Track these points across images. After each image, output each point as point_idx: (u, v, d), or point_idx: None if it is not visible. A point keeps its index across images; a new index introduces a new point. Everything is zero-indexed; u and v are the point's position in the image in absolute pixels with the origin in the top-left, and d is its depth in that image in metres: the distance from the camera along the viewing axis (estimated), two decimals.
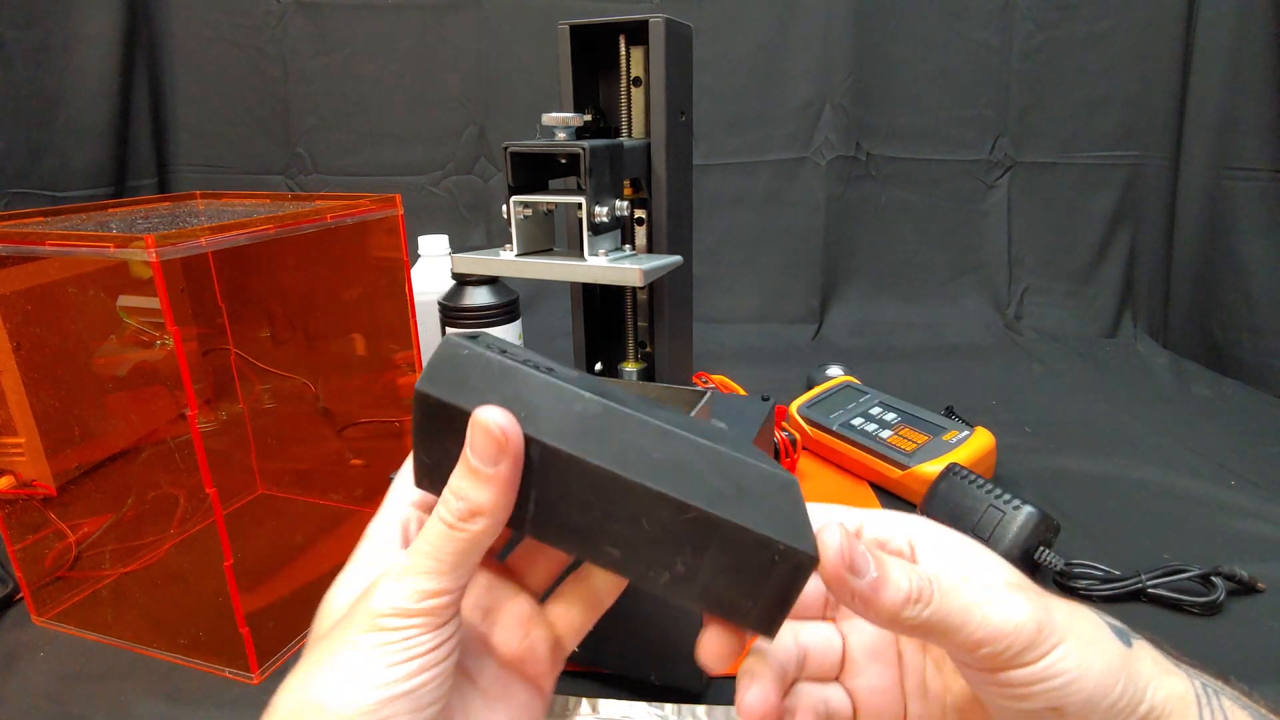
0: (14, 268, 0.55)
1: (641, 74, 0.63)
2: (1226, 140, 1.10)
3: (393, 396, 0.73)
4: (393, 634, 0.24)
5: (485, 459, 0.24)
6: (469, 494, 0.24)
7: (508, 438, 0.24)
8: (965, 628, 0.24)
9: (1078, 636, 0.24)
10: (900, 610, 0.24)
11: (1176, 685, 0.25)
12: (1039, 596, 0.25)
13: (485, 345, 0.26)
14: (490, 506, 0.24)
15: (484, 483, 0.24)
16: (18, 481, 0.61)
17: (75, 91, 1.21)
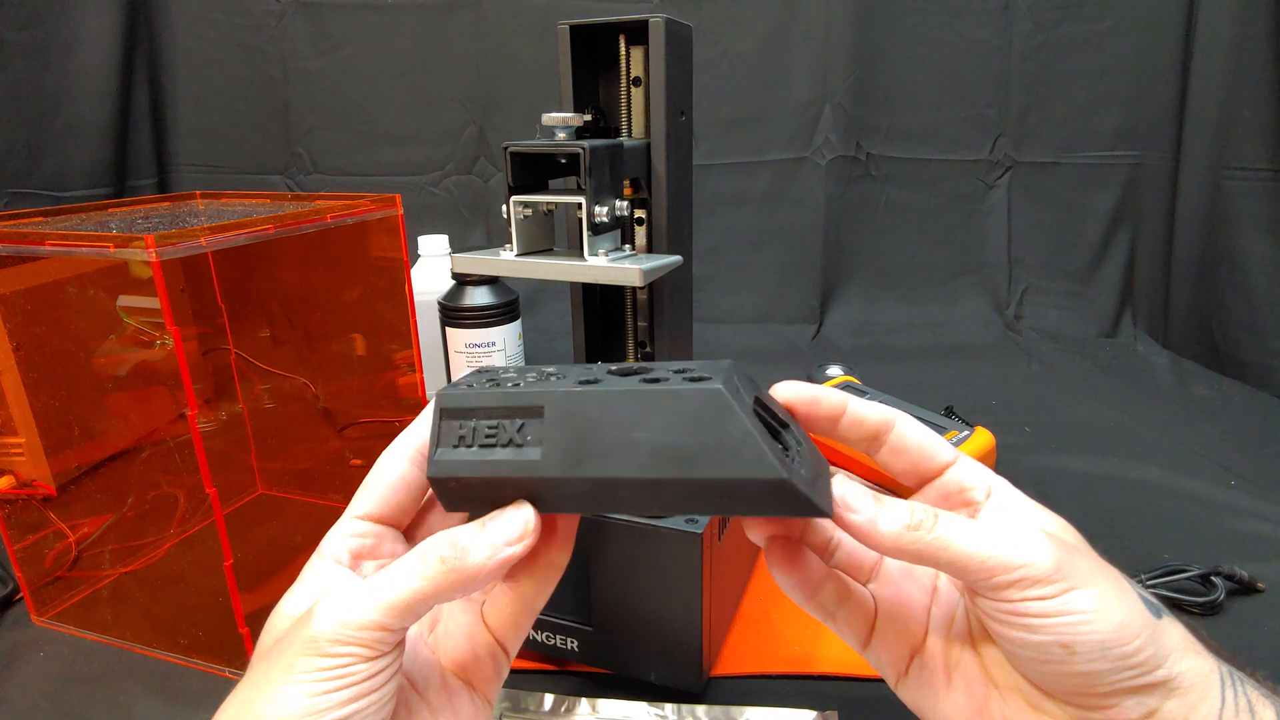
0: (14, 268, 0.55)
1: (641, 74, 0.63)
2: (1226, 140, 1.10)
3: (393, 396, 0.73)
4: (331, 659, 0.24)
5: (505, 536, 0.26)
6: (472, 552, 0.25)
7: (530, 530, 0.26)
8: (971, 556, 0.25)
9: (1103, 588, 0.25)
10: (901, 535, 0.25)
11: (1202, 665, 0.25)
12: (1075, 551, 0.26)
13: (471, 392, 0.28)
14: (475, 572, 0.25)
15: (488, 547, 0.25)
16: (18, 481, 0.61)
17: (75, 91, 1.21)
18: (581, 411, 0.26)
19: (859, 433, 0.30)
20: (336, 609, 0.25)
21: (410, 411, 0.72)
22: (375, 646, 0.24)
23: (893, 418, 0.30)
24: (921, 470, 0.30)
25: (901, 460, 0.30)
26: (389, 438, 0.31)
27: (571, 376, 0.27)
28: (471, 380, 0.29)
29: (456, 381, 0.29)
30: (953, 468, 0.30)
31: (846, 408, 0.30)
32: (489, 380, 0.28)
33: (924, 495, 0.31)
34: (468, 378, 0.29)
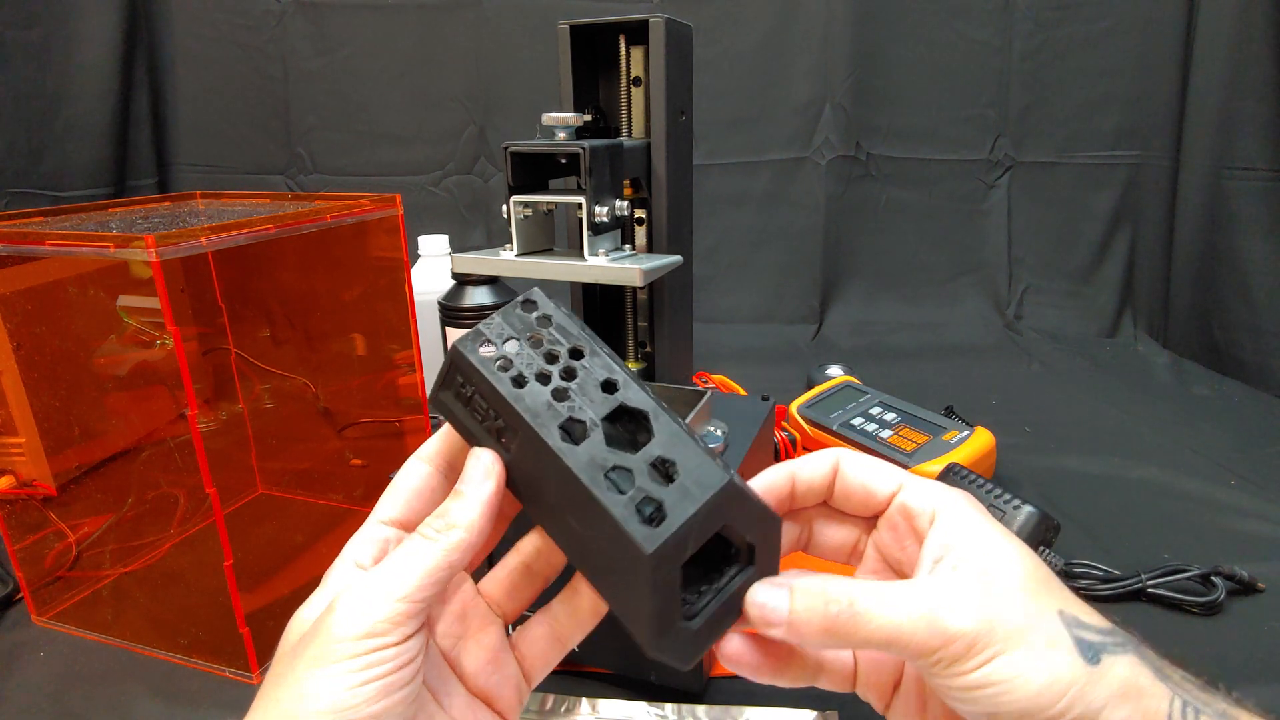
0: (14, 268, 0.55)
1: (641, 74, 0.63)
2: (1226, 140, 1.10)
3: (393, 396, 0.73)
4: (354, 656, 0.24)
5: (472, 481, 0.27)
6: (453, 510, 0.27)
7: (494, 469, 0.27)
8: (888, 643, 0.25)
9: (1026, 647, 0.24)
10: (823, 641, 0.25)
11: (1146, 706, 0.24)
12: (1001, 603, 0.25)
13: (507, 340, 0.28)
14: (469, 522, 0.26)
15: (468, 501, 0.27)
16: (18, 481, 0.61)
17: (75, 91, 1.21)
18: (541, 462, 0.26)
19: (814, 494, 0.30)
20: (356, 600, 0.25)
21: (410, 411, 0.72)
22: (398, 630, 0.25)
23: (835, 461, 0.30)
24: (872, 506, 0.30)
25: (851, 502, 0.30)
26: (389, 438, 0.31)
27: (580, 397, 0.27)
28: (502, 328, 0.28)
29: (490, 322, 0.28)
30: (899, 496, 0.29)
31: (794, 480, 0.30)
32: (510, 338, 0.28)
33: (879, 533, 0.30)
34: (504, 319, 0.29)
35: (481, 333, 0.28)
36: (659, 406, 0.27)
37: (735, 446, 0.55)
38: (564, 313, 0.29)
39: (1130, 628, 0.26)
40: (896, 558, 0.29)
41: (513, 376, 0.27)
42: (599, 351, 0.28)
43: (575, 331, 0.28)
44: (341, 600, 0.25)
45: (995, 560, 0.26)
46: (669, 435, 0.26)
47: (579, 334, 0.28)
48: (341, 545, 0.29)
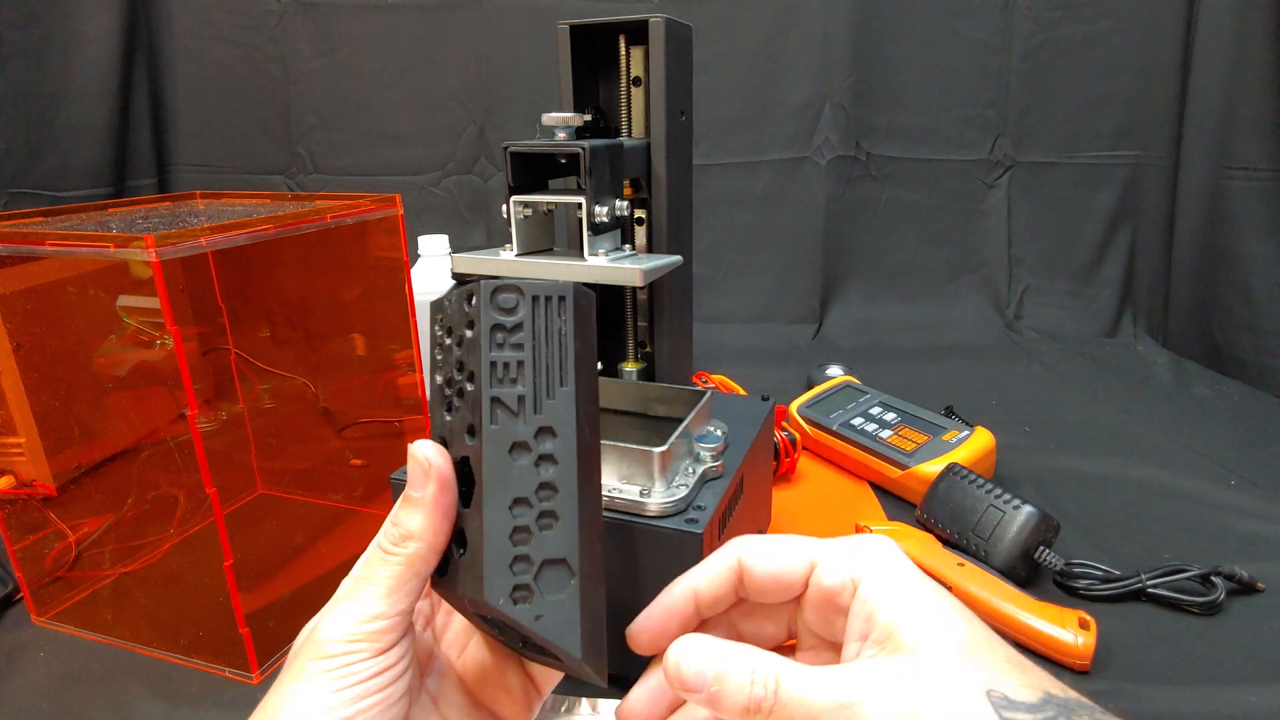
0: (14, 268, 0.55)
1: (641, 74, 0.63)
2: (1226, 140, 1.10)
3: (393, 396, 0.73)
4: (335, 660, 0.25)
5: (415, 484, 0.26)
6: (403, 519, 0.26)
7: (433, 466, 0.26)
8: None
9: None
10: (742, 718, 0.24)
11: None
12: (925, 691, 0.23)
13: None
14: (420, 530, 0.25)
15: (415, 507, 0.26)
16: (18, 481, 0.61)
17: (75, 91, 1.21)
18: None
19: (722, 601, 0.29)
20: (330, 622, 0.26)
21: (410, 411, 0.71)
22: (376, 639, 0.25)
23: (737, 558, 0.28)
24: (788, 591, 0.28)
25: (766, 594, 0.28)
26: (389, 438, 0.31)
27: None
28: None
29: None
30: (813, 575, 0.27)
31: (697, 596, 0.29)
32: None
33: (804, 615, 0.29)
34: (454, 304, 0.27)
35: (443, 302, 0.27)
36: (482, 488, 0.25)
37: (735, 446, 0.55)
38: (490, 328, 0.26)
39: (1068, 689, 0.25)
40: (829, 632, 0.28)
41: (438, 368, 0.27)
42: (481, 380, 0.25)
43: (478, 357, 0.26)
44: (321, 622, 0.26)
45: (922, 635, 0.25)
46: (472, 514, 0.25)
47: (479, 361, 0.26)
48: (341, 545, 0.30)
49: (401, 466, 0.51)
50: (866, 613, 0.26)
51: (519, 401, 0.25)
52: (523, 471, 0.25)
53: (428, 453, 0.26)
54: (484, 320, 0.25)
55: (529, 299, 0.26)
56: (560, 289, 0.26)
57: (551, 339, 0.26)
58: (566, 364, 0.26)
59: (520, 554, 0.25)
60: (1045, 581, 0.63)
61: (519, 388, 0.25)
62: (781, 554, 0.28)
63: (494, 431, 0.25)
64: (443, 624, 0.31)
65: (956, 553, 0.62)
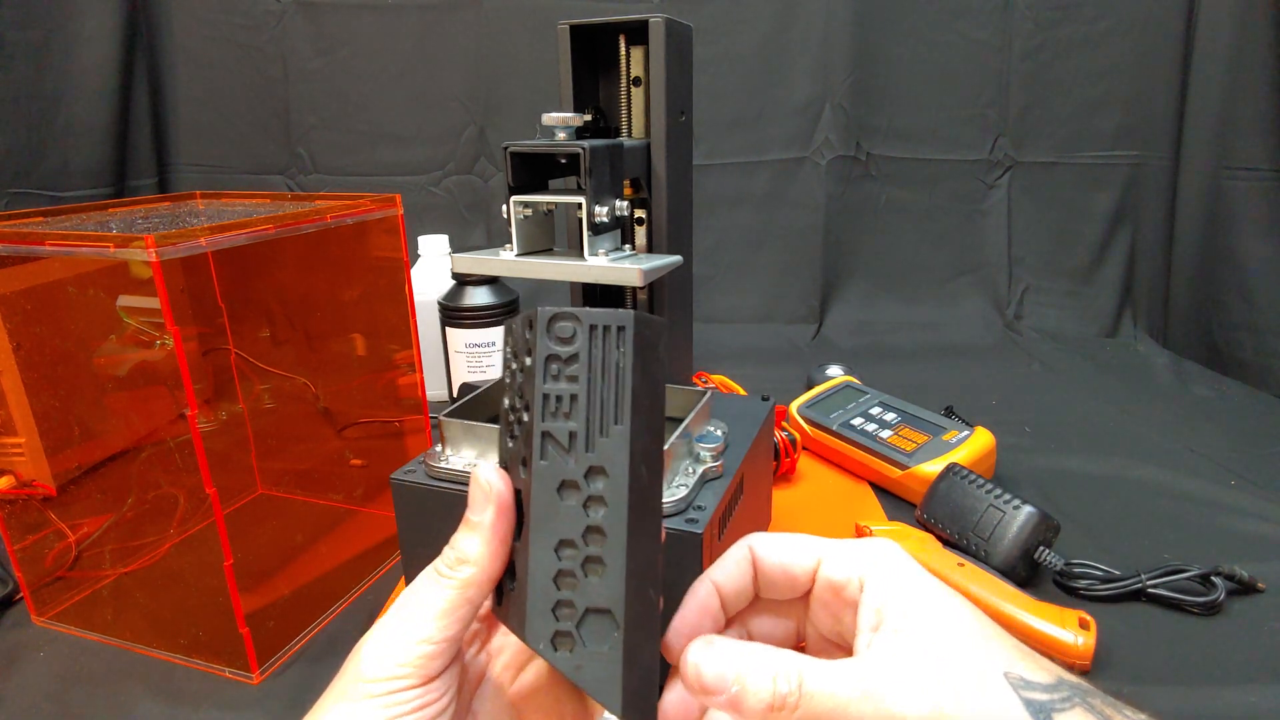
0: (14, 268, 0.55)
1: (641, 74, 0.63)
2: (1226, 140, 1.10)
3: (393, 396, 0.73)
4: (380, 685, 0.24)
5: (475, 508, 0.25)
6: (459, 543, 0.26)
7: (493, 490, 0.25)
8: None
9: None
10: (768, 718, 0.24)
11: None
12: (944, 674, 0.24)
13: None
14: (477, 556, 0.25)
15: (473, 531, 0.25)
16: (18, 481, 0.61)
17: (75, 91, 1.21)
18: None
19: (742, 595, 0.29)
20: (377, 642, 0.25)
21: (410, 411, 0.71)
22: (422, 668, 0.25)
23: (749, 549, 0.28)
24: (796, 587, 0.28)
25: (777, 588, 0.29)
26: (389, 438, 0.31)
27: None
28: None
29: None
30: (823, 567, 0.28)
31: (720, 591, 0.29)
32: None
33: (813, 613, 0.29)
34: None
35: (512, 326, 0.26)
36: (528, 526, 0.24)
37: (735, 446, 0.55)
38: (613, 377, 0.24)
39: (1076, 674, 0.25)
40: (837, 631, 0.28)
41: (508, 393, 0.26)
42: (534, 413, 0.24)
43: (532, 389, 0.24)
44: (369, 639, 0.26)
45: (934, 623, 0.25)
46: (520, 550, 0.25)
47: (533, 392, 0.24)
48: (341, 545, 0.29)
49: (402, 466, 0.52)
50: (877, 605, 0.26)
51: (570, 438, 0.24)
52: (570, 512, 0.24)
53: (489, 476, 0.25)
54: (539, 350, 0.24)
55: (586, 328, 0.24)
56: (621, 318, 0.24)
57: (608, 372, 0.24)
58: (623, 400, 0.24)
59: (564, 599, 0.24)
60: (1045, 581, 0.63)
61: (571, 423, 0.24)
62: (790, 547, 0.28)
63: (543, 467, 0.24)
64: (499, 645, 0.30)
65: (956, 553, 0.62)
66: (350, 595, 0.62)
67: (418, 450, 0.60)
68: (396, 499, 0.51)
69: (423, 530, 0.50)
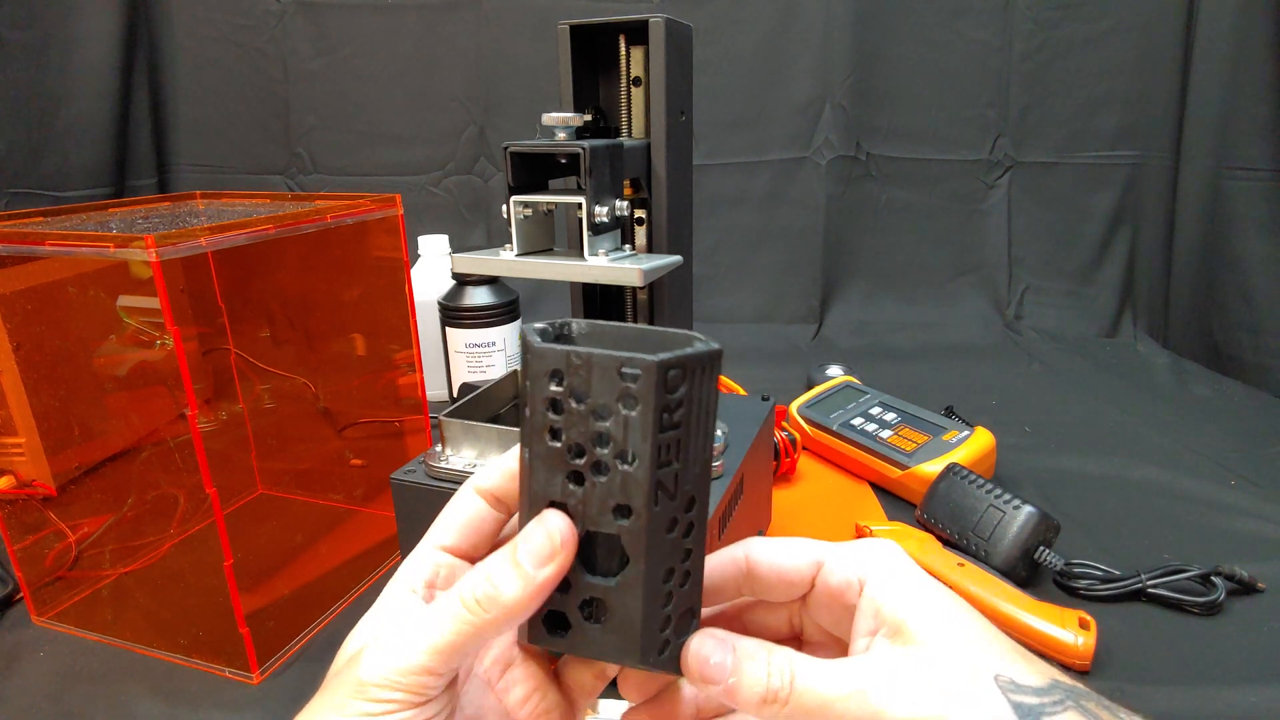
0: (14, 268, 0.55)
1: (641, 74, 0.63)
2: (1226, 140, 1.10)
3: (393, 396, 0.73)
4: (375, 705, 0.24)
5: (533, 559, 0.24)
6: (501, 583, 0.24)
7: (564, 548, 0.24)
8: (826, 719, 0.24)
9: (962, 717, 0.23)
10: (759, 710, 0.25)
11: None
12: (935, 678, 0.24)
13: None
14: (513, 603, 0.24)
15: (520, 579, 0.24)
16: (18, 481, 0.61)
17: (75, 91, 1.21)
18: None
19: (720, 593, 0.29)
20: (381, 654, 0.25)
21: (410, 411, 0.71)
22: (421, 692, 0.24)
23: (744, 555, 0.29)
24: (794, 590, 0.29)
25: (773, 592, 0.29)
26: (389, 438, 0.31)
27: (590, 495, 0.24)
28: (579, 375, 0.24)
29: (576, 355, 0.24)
30: (823, 571, 0.28)
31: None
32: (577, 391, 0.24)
33: (810, 613, 0.29)
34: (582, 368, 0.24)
35: (565, 362, 0.24)
36: (643, 568, 0.24)
37: (735, 446, 0.55)
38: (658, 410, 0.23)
39: (1074, 675, 0.26)
40: (835, 629, 0.28)
41: (554, 425, 0.24)
42: (645, 468, 0.24)
43: (639, 438, 0.23)
44: (370, 649, 0.25)
45: (929, 627, 0.25)
46: (625, 591, 0.25)
47: (643, 444, 0.23)
48: (341, 545, 0.29)
49: (402, 467, 0.52)
50: (874, 609, 0.26)
51: (675, 480, 0.24)
52: (674, 544, 0.25)
53: (561, 528, 0.24)
54: (655, 404, 0.23)
55: (690, 374, 0.24)
56: (709, 354, 0.25)
57: (704, 410, 0.25)
58: (711, 431, 0.25)
59: (667, 614, 0.25)
60: (1045, 581, 0.63)
61: (675, 465, 0.24)
62: (788, 552, 0.28)
63: (656, 513, 0.24)
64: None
65: (956, 553, 0.62)
66: (350, 595, 0.62)
67: (418, 450, 0.60)
68: (396, 499, 0.51)
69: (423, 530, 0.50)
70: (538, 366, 0.24)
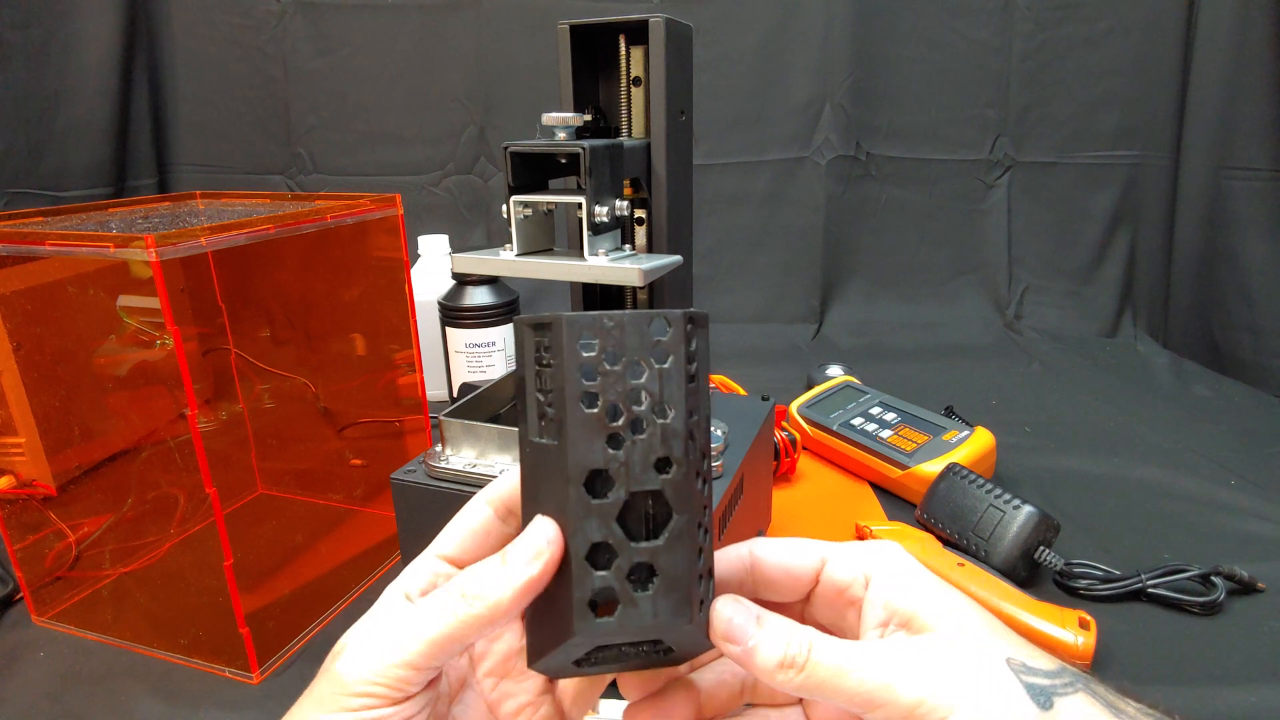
0: (14, 268, 0.55)
1: (641, 74, 0.63)
2: (1226, 140, 1.10)
3: (393, 396, 0.73)
4: (355, 700, 0.24)
5: (521, 556, 0.24)
6: (487, 584, 0.24)
7: (551, 550, 0.24)
8: (841, 694, 0.24)
9: (973, 707, 0.24)
10: (774, 675, 0.25)
11: None
12: (949, 660, 0.25)
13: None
14: (498, 605, 0.24)
15: (509, 579, 0.24)
16: (18, 481, 0.61)
17: (75, 91, 1.21)
18: (550, 478, 0.25)
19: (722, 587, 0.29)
20: (362, 651, 0.25)
21: (410, 411, 0.72)
22: (399, 688, 0.24)
23: (749, 552, 0.29)
24: (798, 588, 0.29)
25: (777, 589, 0.29)
26: (389, 438, 0.31)
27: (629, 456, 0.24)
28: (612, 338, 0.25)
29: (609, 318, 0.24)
30: (827, 568, 0.28)
31: None
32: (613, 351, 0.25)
33: (814, 611, 0.29)
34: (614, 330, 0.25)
35: (596, 326, 0.25)
36: (686, 519, 0.25)
37: (735, 446, 0.55)
38: (685, 359, 0.25)
39: (1078, 664, 0.26)
40: (839, 627, 0.29)
41: (588, 390, 0.24)
42: (681, 419, 0.25)
43: (677, 385, 0.25)
44: (350, 647, 0.25)
45: (938, 616, 0.26)
46: (675, 549, 0.25)
47: (678, 391, 0.25)
48: (341, 545, 0.29)
49: (402, 466, 0.52)
50: (883, 601, 0.27)
51: (697, 430, 0.25)
52: (701, 496, 0.26)
53: (549, 536, 0.24)
54: (684, 354, 0.25)
55: (699, 327, 0.26)
56: (704, 313, 0.26)
57: (705, 363, 0.26)
58: (706, 385, 0.26)
59: (699, 572, 0.25)
60: (1045, 581, 0.63)
61: (696, 416, 0.25)
62: (793, 550, 0.29)
63: (691, 462, 0.25)
64: (481, 651, 0.30)
65: (956, 553, 0.62)
66: (350, 595, 0.62)
67: (418, 450, 0.60)
68: (396, 499, 0.51)
69: (423, 530, 0.50)
70: (569, 336, 0.24)
